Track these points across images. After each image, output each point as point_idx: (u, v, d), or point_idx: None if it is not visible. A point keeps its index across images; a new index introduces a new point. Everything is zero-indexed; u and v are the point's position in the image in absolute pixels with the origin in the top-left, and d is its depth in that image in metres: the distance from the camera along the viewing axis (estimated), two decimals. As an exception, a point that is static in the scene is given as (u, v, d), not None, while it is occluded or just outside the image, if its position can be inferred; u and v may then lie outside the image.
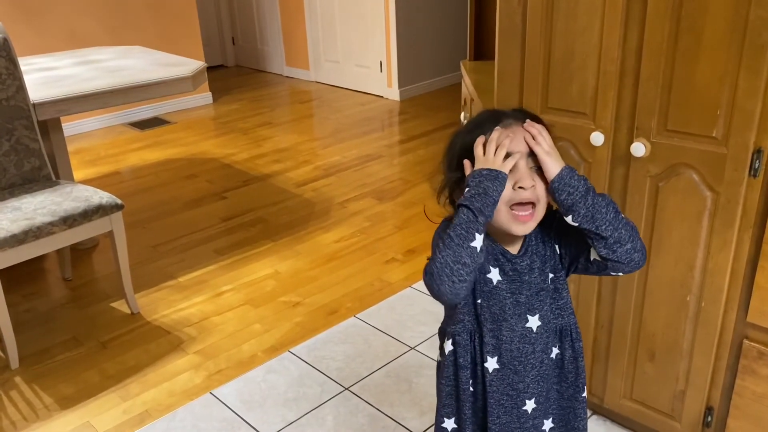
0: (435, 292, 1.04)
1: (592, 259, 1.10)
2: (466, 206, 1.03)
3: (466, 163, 1.09)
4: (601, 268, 1.10)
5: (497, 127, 1.08)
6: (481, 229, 1.02)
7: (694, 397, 1.63)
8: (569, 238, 1.13)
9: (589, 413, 1.95)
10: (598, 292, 1.73)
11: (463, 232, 1.02)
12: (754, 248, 1.43)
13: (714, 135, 1.39)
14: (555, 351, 1.19)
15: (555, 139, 1.10)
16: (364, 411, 2.04)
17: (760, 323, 1.47)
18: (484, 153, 1.06)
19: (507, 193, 1.06)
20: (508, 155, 1.06)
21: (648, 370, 1.70)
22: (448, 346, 1.19)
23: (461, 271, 1.02)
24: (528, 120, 1.09)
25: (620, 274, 1.11)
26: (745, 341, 1.51)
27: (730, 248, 1.45)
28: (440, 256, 1.02)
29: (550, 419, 1.23)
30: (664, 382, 1.68)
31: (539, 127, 1.07)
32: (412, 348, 2.33)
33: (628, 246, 1.05)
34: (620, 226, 1.05)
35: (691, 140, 1.43)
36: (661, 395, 1.70)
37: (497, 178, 1.04)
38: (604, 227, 1.04)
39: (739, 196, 1.40)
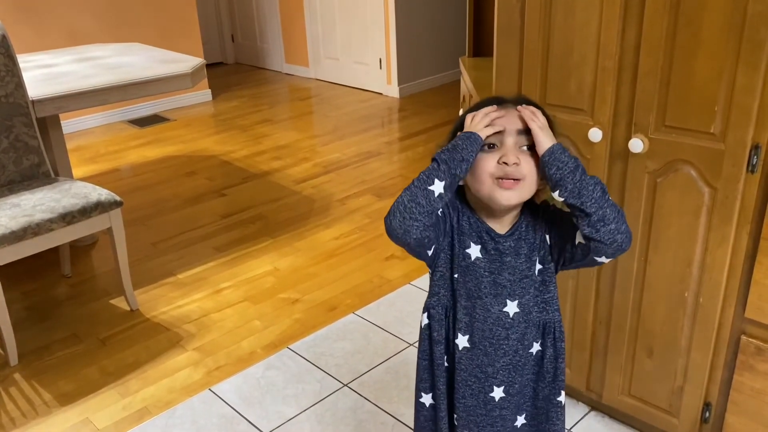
0: (387, 228, 1.09)
1: (577, 242, 1.11)
2: (433, 158, 1.08)
3: (459, 135, 1.12)
4: (586, 251, 1.11)
5: (493, 105, 1.12)
6: (442, 176, 1.06)
7: (692, 393, 1.64)
8: (557, 227, 1.14)
9: (587, 409, 1.95)
10: (596, 288, 1.73)
11: (423, 177, 1.07)
12: (752, 244, 1.43)
13: (712, 131, 1.39)
14: (536, 347, 1.20)
15: (555, 135, 1.11)
16: (363, 407, 2.05)
17: (757, 319, 1.47)
18: (471, 122, 1.10)
19: (491, 166, 1.08)
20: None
21: (646, 366, 1.70)
22: (424, 320, 1.22)
23: (414, 210, 1.05)
24: (524, 104, 1.11)
25: (604, 259, 1.11)
26: (743, 337, 1.51)
27: (728, 244, 1.45)
28: (399, 197, 1.08)
29: (524, 416, 1.24)
30: (663, 378, 1.68)
31: (533, 108, 1.10)
32: (410, 344, 2.33)
33: (612, 226, 1.06)
34: (605, 205, 1.06)
35: (689, 136, 1.43)
36: (659, 391, 1.70)
37: (470, 137, 1.07)
38: (589, 204, 1.05)
39: (737, 192, 1.40)
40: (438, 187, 1.05)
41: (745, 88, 1.31)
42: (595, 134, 1.55)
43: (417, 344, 2.31)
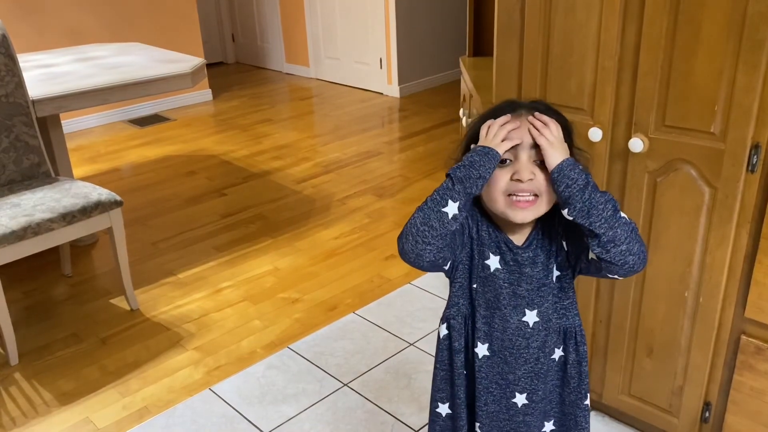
0: (400, 250, 1.07)
1: (590, 258, 1.09)
2: (448, 174, 1.05)
3: (473, 147, 1.10)
4: (598, 268, 1.08)
5: (507, 115, 1.08)
6: (457, 197, 1.03)
7: (692, 392, 1.64)
8: (574, 235, 1.11)
9: (587, 409, 1.95)
10: (596, 288, 1.73)
11: (437, 196, 1.04)
12: (752, 244, 1.43)
13: (712, 130, 1.39)
14: (559, 353, 1.18)
15: (571, 142, 1.09)
16: (363, 407, 2.05)
17: (757, 319, 1.47)
18: (487, 134, 1.07)
19: (504, 183, 1.06)
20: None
21: (646, 365, 1.70)
22: (443, 330, 1.19)
23: (427, 234, 1.03)
24: (536, 113, 1.08)
25: (616, 277, 1.09)
26: (743, 337, 1.51)
27: (728, 244, 1.45)
28: (412, 218, 1.05)
29: (552, 422, 1.22)
30: (663, 378, 1.68)
31: (545, 119, 1.06)
32: (411, 344, 2.33)
33: (623, 247, 1.03)
34: (616, 225, 1.02)
35: (689, 136, 1.43)
36: (659, 391, 1.70)
37: (488, 154, 1.04)
38: (598, 224, 1.01)
39: (737, 192, 1.40)
40: (452, 208, 1.02)
41: (745, 87, 1.31)
42: (595, 134, 1.55)
43: (417, 343, 2.32)
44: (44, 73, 2.92)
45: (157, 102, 5.21)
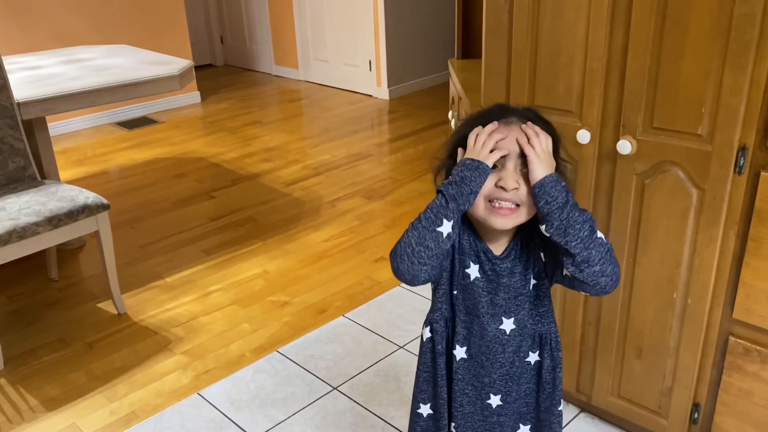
0: (394, 270, 1.05)
1: (564, 273, 1.08)
2: (440, 192, 1.04)
3: (460, 151, 1.09)
4: (571, 285, 1.08)
5: (495, 122, 1.07)
6: (451, 216, 1.02)
7: (681, 393, 1.64)
8: (552, 248, 1.10)
9: (577, 411, 1.95)
10: (585, 290, 1.73)
11: (431, 215, 1.02)
12: (740, 245, 1.44)
13: (699, 132, 1.40)
14: (534, 357, 1.19)
15: (558, 155, 1.09)
16: (353, 410, 2.04)
17: (745, 320, 1.48)
18: (475, 143, 1.06)
19: (488, 188, 1.05)
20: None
21: (635, 367, 1.70)
22: (426, 333, 1.20)
23: (422, 254, 1.02)
24: (529, 122, 1.06)
25: (589, 293, 1.08)
26: (731, 338, 1.52)
27: (716, 245, 1.45)
28: (405, 236, 1.03)
29: (528, 426, 1.23)
30: (652, 379, 1.68)
31: (538, 130, 1.05)
32: (400, 347, 2.33)
33: (596, 268, 1.02)
34: (592, 246, 1.01)
35: (677, 138, 1.43)
36: (648, 392, 1.70)
37: (478, 168, 1.03)
38: (574, 244, 1.00)
39: (725, 193, 1.40)
40: (446, 227, 1.02)
41: (731, 89, 1.32)
42: (584, 136, 1.55)
43: (407, 346, 2.31)
44: (30, 75, 2.89)
45: (145, 104, 5.18)
